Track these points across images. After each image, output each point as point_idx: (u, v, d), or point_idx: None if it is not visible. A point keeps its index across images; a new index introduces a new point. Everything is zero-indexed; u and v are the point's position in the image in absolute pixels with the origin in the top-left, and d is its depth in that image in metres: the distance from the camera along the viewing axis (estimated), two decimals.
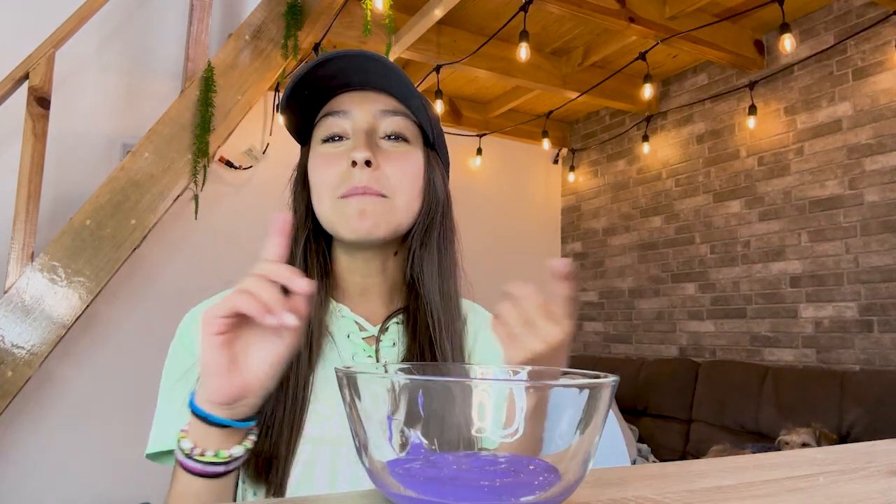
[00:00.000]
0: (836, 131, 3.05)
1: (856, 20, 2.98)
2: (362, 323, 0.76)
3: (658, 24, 3.05)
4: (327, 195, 0.72)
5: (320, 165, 0.74)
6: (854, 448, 0.62)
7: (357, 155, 0.69)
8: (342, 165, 0.71)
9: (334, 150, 0.73)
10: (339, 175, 0.72)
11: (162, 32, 3.09)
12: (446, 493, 0.33)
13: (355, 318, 0.76)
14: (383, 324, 0.77)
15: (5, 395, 2.25)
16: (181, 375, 0.70)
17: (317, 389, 0.69)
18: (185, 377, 0.70)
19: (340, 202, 0.71)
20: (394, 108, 0.74)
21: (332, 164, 0.72)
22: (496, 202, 4.48)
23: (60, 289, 2.35)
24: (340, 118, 0.74)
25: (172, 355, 0.73)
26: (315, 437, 0.67)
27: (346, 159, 0.71)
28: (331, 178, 0.72)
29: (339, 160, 0.72)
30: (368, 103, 0.74)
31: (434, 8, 2.81)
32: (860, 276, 2.91)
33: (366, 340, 0.75)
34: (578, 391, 0.36)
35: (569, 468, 0.35)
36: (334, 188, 0.72)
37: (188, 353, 0.71)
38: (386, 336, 0.76)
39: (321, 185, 0.73)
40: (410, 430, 0.37)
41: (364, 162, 0.70)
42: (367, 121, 0.73)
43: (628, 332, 4.14)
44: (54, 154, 2.63)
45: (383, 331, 0.76)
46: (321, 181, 0.73)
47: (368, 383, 0.38)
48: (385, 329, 0.77)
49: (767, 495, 0.43)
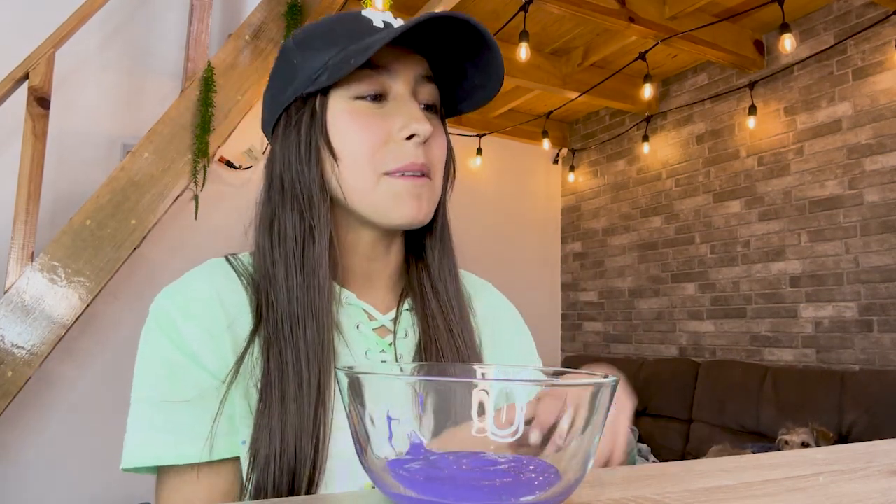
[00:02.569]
0: (836, 131, 3.05)
1: (856, 20, 2.98)
2: (371, 311, 0.67)
3: (658, 24, 3.05)
4: (369, 168, 0.61)
5: (359, 130, 0.61)
6: (854, 448, 0.62)
7: (420, 128, 0.60)
8: (387, 133, 0.61)
9: (375, 110, 0.62)
10: (385, 145, 0.61)
11: (162, 32, 3.09)
12: (446, 493, 0.33)
13: (363, 307, 0.67)
14: (397, 310, 0.68)
15: (5, 395, 2.25)
16: (166, 372, 0.57)
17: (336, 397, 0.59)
18: (171, 374, 0.57)
19: (389, 180, 0.61)
20: (430, 73, 0.65)
21: (375, 128, 0.61)
22: (496, 202, 4.48)
23: (60, 289, 2.34)
24: (384, 76, 0.62)
25: (150, 346, 0.59)
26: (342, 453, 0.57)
27: (393, 126, 0.61)
28: (375, 146, 0.61)
29: (382, 125, 0.61)
30: (413, 64, 0.63)
31: (434, 8, 2.81)
32: (860, 276, 2.91)
33: (376, 332, 0.67)
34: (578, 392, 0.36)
35: (569, 468, 0.35)
36: (380, 161, 0.61)
37: (173, 345, 0.58)
38: (399, 325, 0.68)
39: (361, 155, 0.61)
40: (411, 430, 0.37)
41: (425, 138, 0.61)
42: (411, 84, 0.63)
43: (628, 332, 4.14)
44: (54, 154, 2.62)
45: (397, 318, 0.68)
46: (362, 150, 0.61)
47: (368, 383, 0.38)
48: (398, 317, 0.68)
49: (767, 495, 0.43)
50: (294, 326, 0.59)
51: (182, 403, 0.56)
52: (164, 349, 0.58)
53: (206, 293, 0.61)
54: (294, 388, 0.56)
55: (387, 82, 0.62)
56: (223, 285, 0.62)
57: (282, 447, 0.55)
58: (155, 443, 0.55)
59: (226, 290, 0.62)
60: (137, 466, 0.56)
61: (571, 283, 4.65)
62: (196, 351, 0.58)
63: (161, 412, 0.56)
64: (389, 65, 0.61)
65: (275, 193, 0.63)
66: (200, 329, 0.58)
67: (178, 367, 0.57)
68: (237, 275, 0.64)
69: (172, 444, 0.55)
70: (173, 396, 0.57)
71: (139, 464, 0.55)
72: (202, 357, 0.58)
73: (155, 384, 0.57)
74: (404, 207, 0.61)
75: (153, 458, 0.55)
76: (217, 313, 0.60)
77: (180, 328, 0.58)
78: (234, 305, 0.61)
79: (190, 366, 0.57)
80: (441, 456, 0.37)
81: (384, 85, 0.62)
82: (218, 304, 0.60)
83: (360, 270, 0.68)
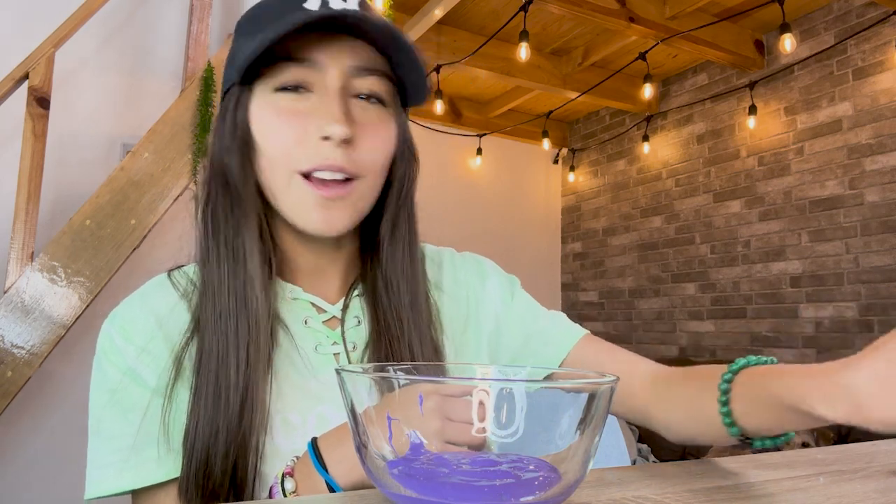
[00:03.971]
0: (837, 131, 3.05)
1: (856, 20, 2.98)
2: (320, 304, 0.65)
3: (658, 24, 3.05)
4: (283, 166, 0.58)
5: (276, 125, 0.58)
6: (854, 448, 0.62)
7: (335, 130, 0.55)
8: (305, 130, 0.57)
9: (294, 105, 0.58)
10: (300, 143, 0.57)
11: (162, 32, 3.09)
12: (447, 493, 0.33)
13: (311, 299, 0.65)
14: (345, 299, 0.66)
15: (5, 395, 2.25)
16: (109, 397, 0.58)
17: (283, 395, 0.59)
18: (113, 399, 0.58)
19: (300, 182, 0.58)
20: (372, 64, 0.59)
21: (292, 124, 0.57)
22: (496, 202, 4.48)
23: (60, 289, 2.34)
24: (307, 68, 0.57)
25: (98, 375, 0.59)
26: (290, 452, 0.57)
27: (312, 125, 0.57)
28: (289, 144, 0.57)
29: (300, 121, 0.57)
30: (345, 55, 0.58)
31: (434, 8, 2.81)
32: (860, 276, 2.91)
33: (326, 324, 0.65)
34: (578, 392, 0.36)
35: (569, 468, 0.35)
36: (294, 160, 0.57)
37: (115, 368, 0.58)
38: (348, 314, 0.65)
39: (275, 151, 0.58)
40: (410, 430, 0.37)
41: (342, 140, 0.56)
42: (341, 78, 0.58)
43: (628, 332, 4.14)
44: (54, 154, 2.62)
45: (345, 308, 0.65)
46: (276, 146, 0.58)
47: (369, 383, 0.38)
48: (346, 306, 0.66)
49: (767, 495, 0.43)
50: (224, 317, 0.58)
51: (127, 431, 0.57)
52: (107, 372, 0.59)
53: (140, 312, 0.61)
54: (222, 379, 0.56)
55: (311, 74, 0.58)
56: (159, 302, 0.62)
57: (208, 442, 0.54)
58: (108, 477, 0.56)
59: (162, 306, 0.62)
60: (99, 496, 0.57)
61: (571, 283, 4.65)
62: (133, 366, 0.58)
63: (110, 443, 0.57)
64: (313, 55, 0.57)
65: (210, 178, 0.61)
66: (136, 347, 0.59)
67: (120, 389, 0.58)
68: (174, 288, 0.64)
69: (129, 469, 0.56)
70: (118, 424, 0.57)
71: (99, 494, 0.56)
72: (140, 371, 0.58)
73: (101, 416, 0.58)
74: (311, 217, 0.58)
75: (112, 488, 0.56)
76: (152, 329, 0.60)
77: (119, 347, 0.59)
78: (170, 319, 0.61)
79: (130, 385, 0.58)
80: (440, 456, 0.37)
81: (307, 77, 0.58)
82: (153, 322, 0.60)
83: (309, 264, 0.66)
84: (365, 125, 0.59)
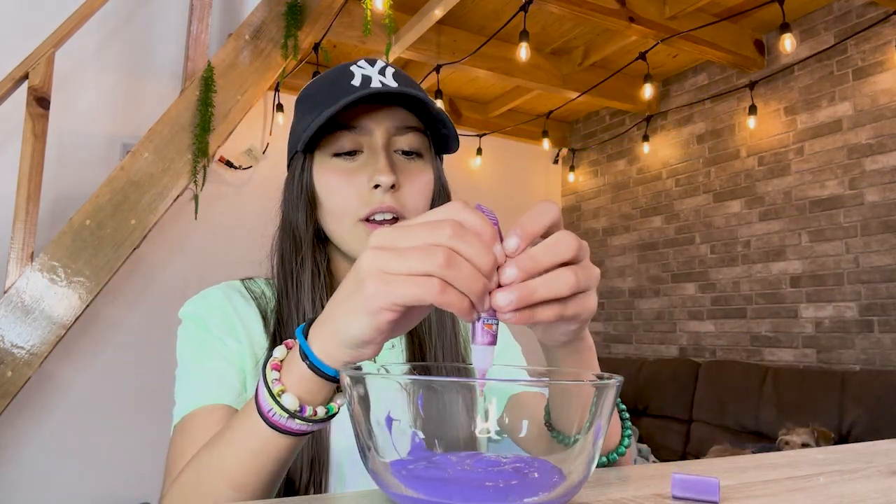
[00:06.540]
0: (837, 131, 3.05)
1: (856, 20, 2.98)
2: None
3: (658, 24, 3.05)
4: (347, 217, 0.71)
5: (337, 184, 0.71)
6: (854, 448, 0.63)
7: (383, 179, 0.68)
8: (360, 184, 0.70)
9: (349, 165, 0.71)
10: (358, 196, 0.70)
11: (162, 32, 3.09)
12: (451, 493, 0.33)
13: None
14: None
15: (5, 395, 2.25)
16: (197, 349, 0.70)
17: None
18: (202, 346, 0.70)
19: (361, 226, 0.70)
20: (409, 123, 0.73)
21: (350, 182, 0.71)
22: (496, 202, 4.48)
23: (60, 289, 2.34)
24: (357, 134, 0.71)
25: (183, 335, 0.72)
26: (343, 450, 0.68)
27: (365, 178, 0.70)
28: (349, 198, 0.70)
29: (355, 178, 0.70)
30: (385, 119, 0.72)
31: (434, 8, 2.81)
32: (860, 276, 2.91)
33: None
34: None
35: (573, 469, 0.35)
36: (354, 210, 0.70)
37: (201, 330, 0.71)
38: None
39: (339, 206, 0.71)
40: (413, 430, 0.37)
41: (389, 186, 0.69)
42: (385, 138, 0.71)
43: (628, 332, 4.14)
44: (54, 154, 2.63)
45: None
46: (339, 202, 0.71)
47: (371, 384, 0.38)
48: None
49: (767, 495, 0.43)
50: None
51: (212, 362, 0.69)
52: (195, 333, 0.72)
53: (221, 301, 0.74)
54: None
55: (359, 139, 0.71)
56: (236, 300, 0.75)
57: None
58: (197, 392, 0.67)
59: (239, 304, 0.74)
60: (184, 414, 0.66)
61: None
62: (219, 335, 0.71)
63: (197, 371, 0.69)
64: (361, 123, 0.71)
65: (281, 226, 0.77)
66: (220, 321, 0.72)
67: (206, 342, 0.71)
68: (251, 295, 0.76)
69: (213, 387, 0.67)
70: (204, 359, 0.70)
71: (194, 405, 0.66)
72: (225, 339, 0.71)
73: (190, 356, 0.71)
74: None
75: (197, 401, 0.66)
76: (230, 315, 0.73)
77: (205, 319, 0.72)
78: (245, 316, 0.73)
79: (215, 342, 0.71)
80: (443, 456, 0.37)
81: (357, 141, 0.71)
82: (231, 310, 0.73)
83: None
84: (407, 171, 0.72)
